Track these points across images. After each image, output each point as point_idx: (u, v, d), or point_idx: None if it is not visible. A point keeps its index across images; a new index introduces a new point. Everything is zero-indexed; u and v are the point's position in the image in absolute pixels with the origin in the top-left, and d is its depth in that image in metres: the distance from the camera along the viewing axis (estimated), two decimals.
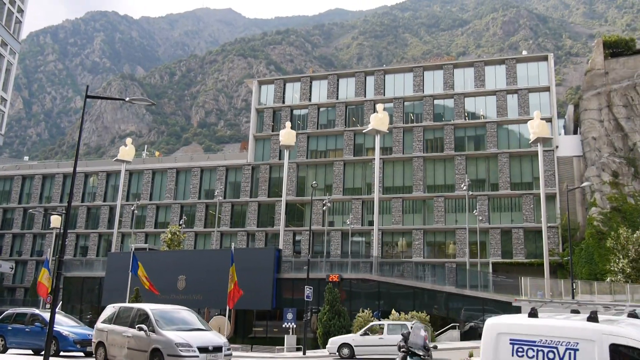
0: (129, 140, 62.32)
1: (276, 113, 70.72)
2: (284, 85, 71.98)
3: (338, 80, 69.79)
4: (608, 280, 44.36)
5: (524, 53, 76.79)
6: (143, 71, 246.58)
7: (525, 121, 55.87)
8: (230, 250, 31.40)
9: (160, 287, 43.78)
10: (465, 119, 63.23)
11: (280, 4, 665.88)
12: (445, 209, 60.62)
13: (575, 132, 62.92)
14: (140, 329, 16.84)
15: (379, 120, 47.06)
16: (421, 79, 65.98)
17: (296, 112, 70.22)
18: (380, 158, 55.00)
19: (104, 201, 74.78)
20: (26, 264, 76.18)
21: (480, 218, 56.07)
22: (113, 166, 72.57)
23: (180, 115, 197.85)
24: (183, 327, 17.22)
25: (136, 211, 66.31)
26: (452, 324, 38.40)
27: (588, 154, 57.97)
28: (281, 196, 54.40)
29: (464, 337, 37.10)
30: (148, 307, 17.92)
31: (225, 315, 34.39)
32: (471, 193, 55.40)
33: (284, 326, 38.02)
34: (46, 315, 22.44)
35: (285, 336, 35.88)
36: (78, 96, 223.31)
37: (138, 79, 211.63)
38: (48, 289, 37.33)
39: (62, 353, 21.89)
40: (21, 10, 55.79)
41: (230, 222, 68.60)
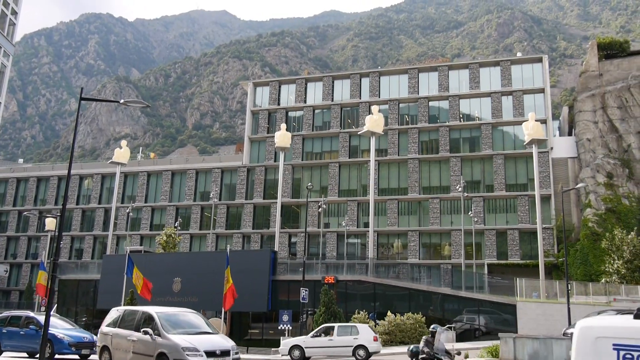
0: (124, 142, 62.22)
1: (271, 115, 70.72)
2: (279, 87, 71.99)
3: (333, 82, 69.84)
4: (603, 281, 44.50)
5: (519, 55, 76.92)
6: (138, 73, 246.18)
7: (520, 123, 56.05)
8: (225, 252, 31.33)
9: (155, 290, 43.60)
10: (460, 121, 63.37)
11: (275, 6, 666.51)
12: (440, 211, 60.71)
13: (569, 134, 63.14)
14: (145, 333, 16.36)
15: (374, 122, 47.09)
16: (416, 81, 66.11)
17: (291, 114, 70.24)
18: (375, 160, 55.04)
19: (99, 203, 74.60)
20: (21, 267, 75.90)
21: (475, 219, 56.18)
22: (108, 168, 72.40)
23: (175, 117, 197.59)
24: (190, 331, 16.76)
25: (131, 213, 66.17)
26: (448, 326, 38.41)
27: (583, 156, 58.16)
28: (276, 198, 54.37)
29: (460, 339, 37.11)
30: (153, 310, 17.39)
31: (221, 317, 34.31)
32: (466, 194, 55.51)
33: (280, 328, 37.92)
34: (41, 318, 22.33)
35: (281, 338, 35.80)
36: (73, 98, 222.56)
37: (133, 81, 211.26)
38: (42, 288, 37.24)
39: (57, 356, 21.79)
40: (15, 12, 55.64)
41: (225, 224, 68.52)
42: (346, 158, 65.58)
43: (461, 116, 63.70)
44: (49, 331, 18.60)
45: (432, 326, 15.64)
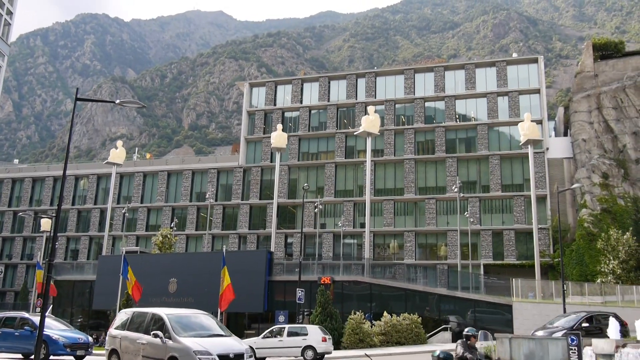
0: (120, 142, 62.09)
1: (267, 115, 70.67)
2: (275, 87, 71.96)
3: (329, 82, 69.85)
4: (598, 281, 44.61)
5: (514, 55, 77.10)
6: (134, 74, 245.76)
7: (515, 123, 56.17)
8: (221, 252, 31.28)
9: (151, 290, 43.66)
10: (456, 121, 63.45)
11: (271, 7, 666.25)
12: (436, 211, 60.76)
13: (565, 134, 63.28)
14: (155, 336, 15.82)
15: (370, 122, 47.10)
16: (412, 82, 66.16)
17: (287, 115, 70.22)
18: (371, 160, 55.08)
19: (95, 204, 74.40)
20: (16, 268, 75.64)
21: (471, 220, 56.23)
22: (104, 169, 72.22)
23: (171, 117, 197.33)
24: (201, 333, 16.11)
25: (127, 214, 66.00)
26: (444, 326, 38.44)
27: (578, 156, 58.29)
28: (273, 198, 54.31)
29: (456, 339, 37.14)
30: (163, 312, 16.80)
31: (217, 318, 34.21)
32: (462, 195, 55.57)
33: None
34: (36, 319, 22.26)
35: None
36: (68, 99, 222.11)
37: (129, 82, 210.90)
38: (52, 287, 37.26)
39: (52, 357, 21.71)
40: (10, 12, 55.50)
41: (221, 225, 68.45)
42: (342, 158, 65.58)
43: (457, 117, 63.78)
44: (44, 332, 18.54)
45: (467, 329, 14.68)
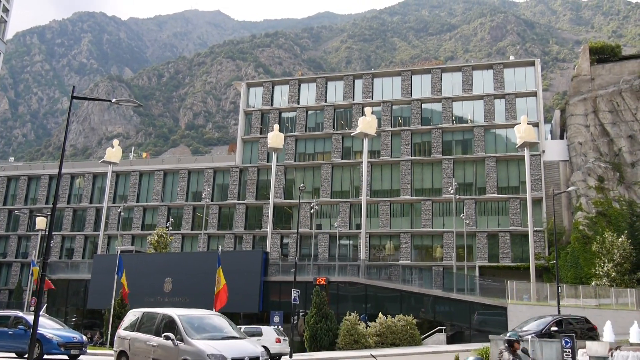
0: (116, 141, 61.89)
1: (264, 116, 70.65)
2: (273, 88, 71.93)
3: (326, 83, 69.85)
4: (593, 284, 44.70)
5: (512, 58, 77.35)
6: (131, 73, 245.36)
7: (512, 126, 56.23)
8: (217, 252, 31.23)
9: (146, 290, 43.63)
10: (453, 123, 63.53)
11: (269, 7, 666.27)
12: (432, 213, 60.81)
13: (561, 137, 63.45)
14: (167, 338, 15.22)
15: (367, 123, 47.09)
16: (409, 83, 66.22)
17: (284, 115, 70.20)
18: (368, 161, 55.10)
19: (90, 203, 74.23)
20: (11, 266, 75.39)
21: (467, 222, 56.31)
22: (99, 168, 72.06)
23: (168, 117, 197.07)
24: (215, 335, 15.48)
25: (123, 213, 65.89)
26: (439, 327, 38.46)
27: (574, 159, 58.45)
28: (269, 199, 54.26)
29: (451, 341, 37.17)
30: (175, 313, 16.16)
31: None
32: (458, 197, 55.65)
33: None
34: (30, 317, 22.15)
35: None
36: (65, 97, 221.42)
37: (126, 81, 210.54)
38: (48, 282, 37.20)
39: (46, 356, 21.61)
40: (6, 9, 55.34)
41: (217, 225, 68.37)
42: (339, 159, 65.59)
43: (454, 118, 63.86)
44: (38, 331, 18.45)
45: (509, 334, 13.33)
